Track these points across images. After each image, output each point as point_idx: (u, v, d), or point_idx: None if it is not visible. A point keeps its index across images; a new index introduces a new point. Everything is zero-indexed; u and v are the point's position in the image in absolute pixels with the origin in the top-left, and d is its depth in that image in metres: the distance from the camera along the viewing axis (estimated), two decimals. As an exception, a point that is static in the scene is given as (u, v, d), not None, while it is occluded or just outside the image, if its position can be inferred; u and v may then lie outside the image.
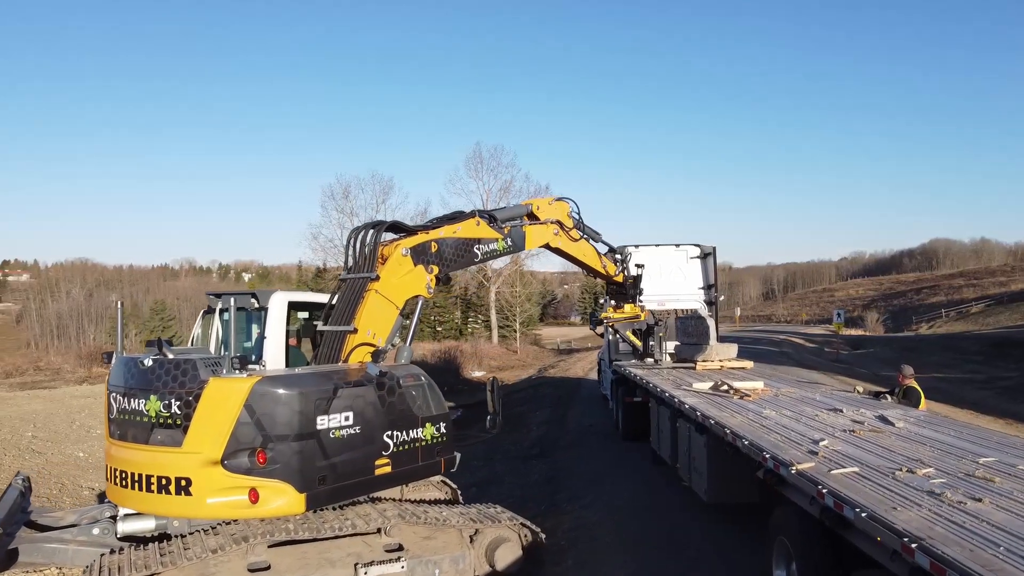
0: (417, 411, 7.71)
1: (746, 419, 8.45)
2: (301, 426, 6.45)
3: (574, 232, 11.53)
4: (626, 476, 12.24)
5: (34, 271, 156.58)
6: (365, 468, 7.05)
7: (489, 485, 13.67)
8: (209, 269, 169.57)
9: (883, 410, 8.83)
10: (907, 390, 10.12)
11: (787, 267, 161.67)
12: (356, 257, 8.55)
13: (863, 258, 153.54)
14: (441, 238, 9.16)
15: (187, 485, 6.34)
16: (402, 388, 7.51)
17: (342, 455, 6.79)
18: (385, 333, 8.50)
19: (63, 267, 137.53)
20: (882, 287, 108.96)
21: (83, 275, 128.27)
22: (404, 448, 7.46)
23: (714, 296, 17.73)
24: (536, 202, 11.21)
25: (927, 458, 6.32)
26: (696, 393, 10.74)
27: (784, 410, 9.02)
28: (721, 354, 14.24)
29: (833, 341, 44.95)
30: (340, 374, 7.02)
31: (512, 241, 10.22)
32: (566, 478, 13.07)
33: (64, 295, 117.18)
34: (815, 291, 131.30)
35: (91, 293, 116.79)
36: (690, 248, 18.09)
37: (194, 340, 8.64)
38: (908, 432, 7.49)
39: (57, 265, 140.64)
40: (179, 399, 6.42)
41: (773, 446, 6.89)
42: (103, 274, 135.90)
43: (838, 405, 9.27)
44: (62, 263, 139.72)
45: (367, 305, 8.27)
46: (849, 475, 5.80)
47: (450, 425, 8.18)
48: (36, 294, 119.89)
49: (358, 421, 6.95)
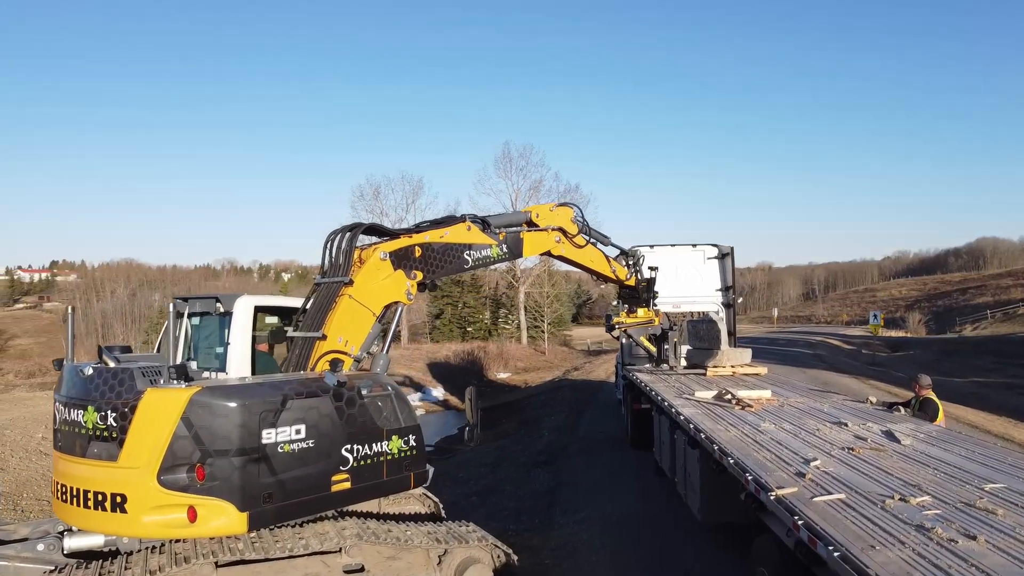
0: (382, 423, 7.23)
1: (740, 433, 7.84)
2: (243, 440, 6.03)
3: (579, 238, 10.97)
4: (627, 489, 11.68)
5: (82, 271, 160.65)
6: (320, 485, 6.60)
7: (490, 494, 13.22)
8: (250, 269, 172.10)
9: (892, 424, 8.14)
10: (923, 402, 9.37)
11: (828, 267, 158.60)
12: (332, 260, 8.15)
13: (907, 257, 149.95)
14: (426, 243, 8.72)
15: (122, 502, 5.97)
16: (364, 399, 7.04)
17: (292, 471, 6.35)
18: (359, 340, 8.10)
19: (109, 267, 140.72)
20: (926, 287, 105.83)
21: (127, 275, 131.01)
22: (366, 463, 7.00)
23: (732, 298, 17.02)
24: (536, 209, 10.67)
25: (926, 483, 5.67)
26: (697, 402, 10.14)
27: (784, 423, 8.38)
28: (733, 359, 13.57)
29: (871, 343, 43.53)
30: (291, 384, 6.58)
31: (508, 248, 9.75)
32: (566, 489, 12.54)
33: (109, 295, 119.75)
34: (856, 291, 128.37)
35: (134, 293, 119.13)
36: (707, 248, 17.40)
37: (160, 347, 8.32)
38: (913, 451, 6.81)
39: (103, 265, 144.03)
40: (115, 410, 6.06)
41: (758, 466, 6.29)
42: (147, 274, 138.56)
43: (844, 418, 8.60)
44: (108, 263, 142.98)
45: (338, 311, 7.88)
46: (833, 503, 5.19)
47: (421, 438, 7.70)
48: (82, 294, 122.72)
49: (311, 434, 6.50)
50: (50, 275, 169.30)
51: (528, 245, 10.17)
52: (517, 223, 10.22)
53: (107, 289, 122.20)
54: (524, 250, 10.17)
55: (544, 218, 10.54)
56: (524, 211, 10.71)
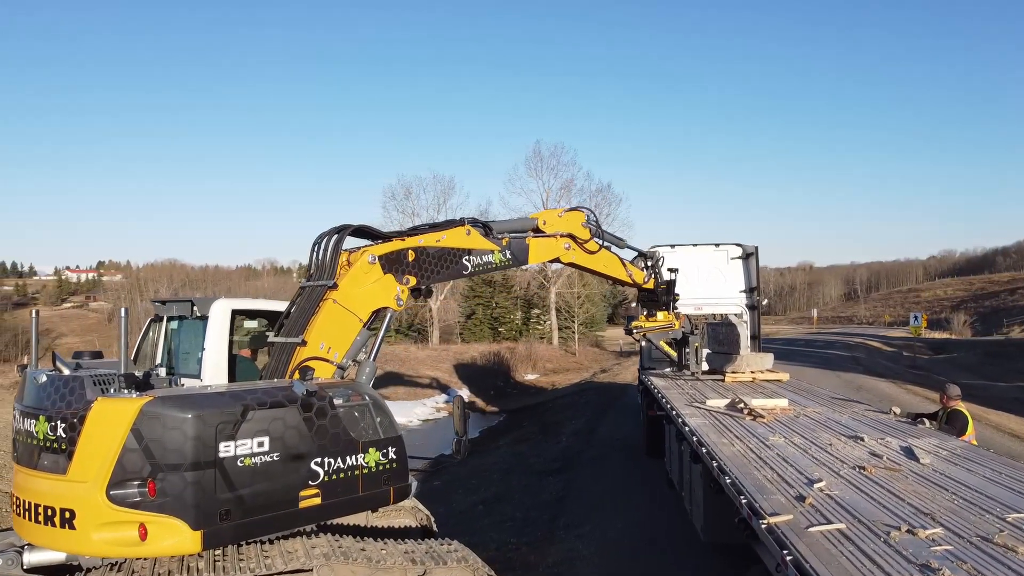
0: (358, 435, 6.81)
1: (745, 448, 7.27)
2: (197, 454, 5.66)
3: (591, 244, 10.44)
4: (635, 501, 11.14)
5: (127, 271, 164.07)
6: (286, 500, 6.21)
7: (498, 503, 12.79)
8: (289, 269, 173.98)
9: (914, 439, 7.49)
10: (951, 414, 8.66)
11: (871, 266, 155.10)
12: (318, 263, 7.79)
13: (953, 257, 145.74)
14: (420, 246, 8.31)
15: (71, 517, 5.64)
16: (336, 409, 6.62)
17: (253, 486, 5.97)
18: (343, 347, 7.70)
19: (153, 267, 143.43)
20: (973, 287, 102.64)
21: (170, 275, 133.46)
22: (339, 477, 6.58)
23: (756, 300, 16.33)
24: (543, 216, 10.15)
25: (941, 511, 5.06)
26: (707, 411, 9.57)
27: (795, 436, 7.78)
28: (753, 364, 12.92)
29: (912, 345, 42.06)
30: (254, 394, 6.20)
31: (512, 254, 9.29)
32: (575, 499, 12.04)
33: (152, 294, 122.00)
34: (900, 291, 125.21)
35: (176, 292, 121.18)
36: (731, 248, 16.72)
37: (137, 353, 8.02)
38: (931, 471, 6.19)
39: (148, 265, 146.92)
40: (64, 420, 5.73)
41: (756, 488, 5.74)
42: (188, 274, 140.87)
43: (862, 431, 7.96)
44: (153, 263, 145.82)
45: (321, 315, 7.51)
46: (831, 534, 4.63)
47: (402, 450, 7.27)
48: (127, 293, 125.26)
49: (276, 447, 6.11)
50: (97, 275, 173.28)
51: (534, 252, 9.70)
52: (522, 229, 9.75)
53: (150, 289, 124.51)
54: (530, 257, 9.70)
55: (553, 224, 10.03)
56: (531, 217, 10.22)
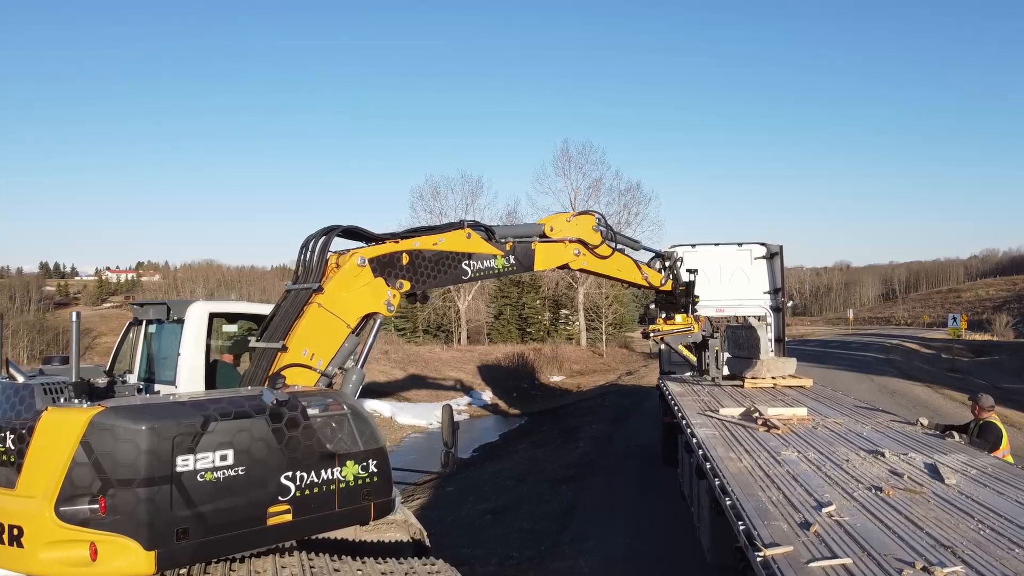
0: (335, 447, 6.38)
1: (753, 463, 6.72)
2: (151, 468, 5.28)
3: (603, 248, 9.91)
4: (646, 514, 10.62)
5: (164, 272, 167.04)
6: (252, 518, 5.80)
7: (507, 513, 12.34)
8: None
9: (940, 455, 6.87)
10: (984, 426, 7.98)
11: (910, 266, 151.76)
12: (305, 265, 7.42)
13: (995, 256, 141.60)
14: (416, 249, 7.90)
15: (19, 535, 5.29)
16: (310, 420, 6.21)
17: (215, 503, 5.57)
18: (328, 354, 7.32)
19: (190, 268, 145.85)
20: (1016, 288, 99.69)
21: (206, 276, 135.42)
22: (312, 492, 6.16)
23: (781, 301, 15.65)
24: (550, 221, 9.61)
25: (964, 543, 4.47)
26: (720, 420, 9.00)
27: (810, 450, 7.20)
28: (775, 370, 12.30)
29: (951, 347, 40.61)
30: (218, 404, 5.81)
31: (517, 260, 8.82)
32: (585, 510, 11.55)
33: (188, 295, 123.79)
34: (940, 292, 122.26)
35: (212, 293, 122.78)
36: (754, 247, 16.05)
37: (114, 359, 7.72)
38: (957, 494, 5.58)
39: (185, 266, 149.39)
40: (13, 432, 5.42)
41: (757, 511, 5.20)
42: (224, 275, 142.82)
43: (884, 445, 7.34)
44: (190, 264, 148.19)
45: (304, 320, 7.13)
46: (834, 571, 4.09)
47: (385, 463, 6.82)
48: (163, 294, 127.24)
49: (242, 461, 5.71)
50: (136, 275, 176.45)
51: (540, 257, 9.22)
52: (528, 235, 9.27)
53: (187, 289, 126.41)
54: (536, 263, 9.22)
55: (561, 230, 9.53)
56: (539, 223, 9.73)
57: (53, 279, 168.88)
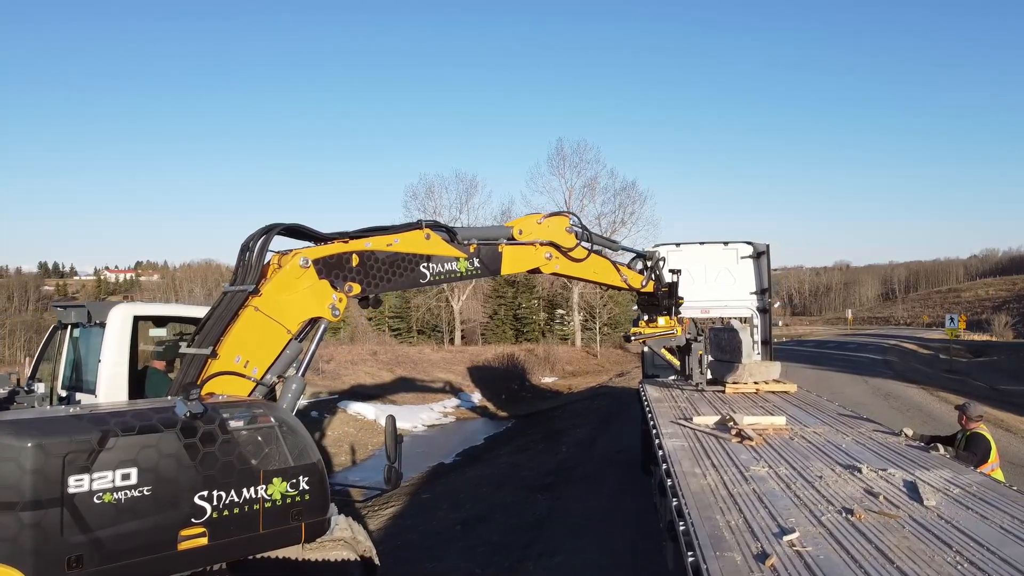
0: (260, 463, 5.85)
1: (718, 480, 6.18)
2: (37, 490, 4.75)
3: (577, 251, 9.38)
4: (619, 526, 10.10)
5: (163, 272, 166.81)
6: (160, 542, 5.27)
7: (478, 523, 11.80)
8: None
9: (922, 470, 6.33)
10: (971, 437, 7.45)
11: (909, 266, 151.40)
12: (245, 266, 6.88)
13: (995, 256, 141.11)
14: (367, 250, 7.35)
15: None
16: (230, 433, 5.68)
17: (116, 527, 5.04)
18: (264, 361, 6.78)
19: (189, 268, 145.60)
20: (1016, 288, 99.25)
21: (205, 275, 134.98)
22: (232, 513, 5.63)
23: (767, 302, 15.13)
24: (519, 223, 9.05)
25: (938, 580, 3.95)
26: (693, 429, 8.48)
27: (782, 465, 6.66)
28: (757, 374, 11.76)
29: (950, 348, 40.05)
30: (121, 417, 5.28)
31: (482, 262, 8.27)
32: (556, 522, 11.02)
33: (187, 295, 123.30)
34: (939, 292, 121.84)
35: (211, 292, 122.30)
36: (741, 246, 15.53)
37: (36, 365, 7.20)
38: (936, 518, 5.03)
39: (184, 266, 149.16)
40: None
41: (712, 539, 4.66)
42: (224, 274, 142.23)
43: (864, 458, 6.81)
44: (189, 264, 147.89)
45: (238, 324, 6.60)
46: (786, 615, 3.56)
47: (320, 479, 6.28)
48: (163, 294, 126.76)
49: (148, 480, 5.18)
50: (135, 275, 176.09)
51: (508, 261, 8.67)
52: (495, 237, 8.71)
53: (186, 289, 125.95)
54: (503, 266, 8.66)
55: (531, 232, 8.98)
56: (507, 225, 9.18)
57: (52, 279, 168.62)
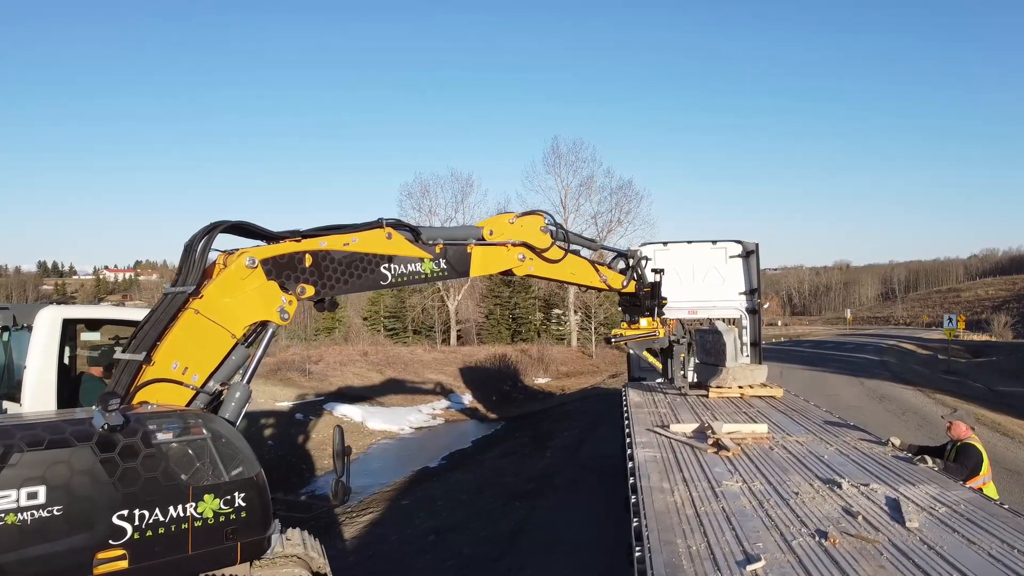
0: (190, 478, 5.39)
1: (687, 497, 5.73)
2: (-74, 512, 4.33)
3: (553, 251, 8.88)
4: (594, 540, 9.66)
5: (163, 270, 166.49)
6: (73, 567, 4.82)
7: (451, 533, 11.34)
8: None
9: (907, 485, 5.88)
10: (961, 448, 6.99)
11: (909, 265, 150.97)
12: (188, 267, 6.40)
13: (995, 256, 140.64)
14: (322, 250, 6.85)
15: None
16: (155, 447, 5.22)
17: (20, 550, 4.59)
18: (206, 368, 6.27)
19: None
20: (1016, 287, 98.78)
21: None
22: (156, 533, 5.17)
23: (756, 303, 14.68)
24: (490, 223, 8.53)
25: (913, 622, 3.50)
26: (669, 438, 8.03)
27: (758, 479, 6.21)
28: (742, 378, 11.31)
29: (949, 348, 39.57)
30: (28, 430, 4.83)
31: (449, 264, 7.74)
32: (532, 532, 10.56)
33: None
34: (939, 291, 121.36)
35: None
36: (730, 245, 15.07)
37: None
38: (918, 542, 4.58)
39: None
40: None
41: (667, 567, 4.21)
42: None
43: (845, 471, 6.36)
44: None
45: (176, 329, 6.10)
46: (737, 665, 3.11)
47: (259, 495, 5.81)
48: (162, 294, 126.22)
49: (58, 499, 4.73)
50: (134, 274, 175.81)
51: (478, 262, 8.14)
52: (463, 237, 8.20)
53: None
54: (472, 268, 8.12)
55: (502, 233, 8.46)
56: (477, 225, 8.67)
57: (51, 278, 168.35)
